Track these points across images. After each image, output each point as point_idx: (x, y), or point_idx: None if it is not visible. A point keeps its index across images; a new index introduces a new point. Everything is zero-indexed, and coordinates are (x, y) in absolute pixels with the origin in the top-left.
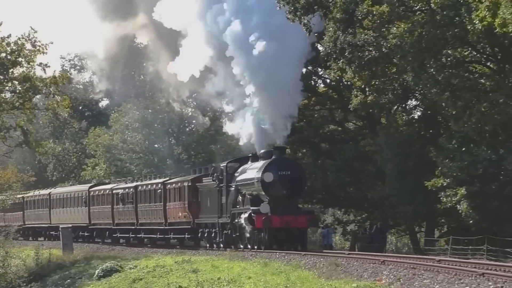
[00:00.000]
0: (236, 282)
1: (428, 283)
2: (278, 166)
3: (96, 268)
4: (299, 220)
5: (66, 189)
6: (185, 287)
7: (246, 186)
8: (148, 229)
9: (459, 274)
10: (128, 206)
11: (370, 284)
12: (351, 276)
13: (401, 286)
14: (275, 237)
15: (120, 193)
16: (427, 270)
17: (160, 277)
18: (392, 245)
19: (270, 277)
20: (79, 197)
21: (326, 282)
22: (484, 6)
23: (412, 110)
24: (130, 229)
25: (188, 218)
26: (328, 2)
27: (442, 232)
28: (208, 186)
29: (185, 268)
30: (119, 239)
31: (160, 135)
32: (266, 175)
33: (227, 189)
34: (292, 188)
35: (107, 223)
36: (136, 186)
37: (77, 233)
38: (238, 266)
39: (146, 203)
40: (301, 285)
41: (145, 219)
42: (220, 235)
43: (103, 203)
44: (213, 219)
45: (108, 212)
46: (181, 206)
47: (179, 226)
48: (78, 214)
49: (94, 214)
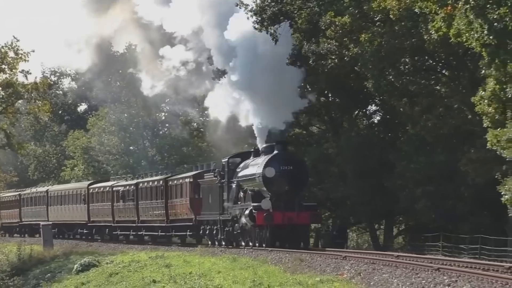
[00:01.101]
0: (206, 276)
1: (387, 277)
2: (280, 161)
3: (74, 263)
4: (302, 217)
5: (64, 186)
6: (158, 281)
7: (247, 182)
8: (149, 227)
9: (416, 269)
10: (129, 204)
11: (333, 278)
12: (314, 271)
13: (361, 280)
14: (277, 234)
15: (121, 191)
16: (386, 265)
17: (135, 272)
18: (353, 242)
19: (238, 272)
20: (78, 195)
21: (291, 276)
22: (440, 18)
23: (372, 114)
24: (130, 226)
25: (190, 215)
26: (294, 13)
27: (400, 229)
28: (210, 182)
29: (158, 263)
30: (119, 236)
31: (135, 138)
32: (267, 170)
33: (229, 185)
34: (295, 183)
35: (107, 221)
36: (137, 183)
37: (76, 230)
38: (208, 261)
39: (147, 200)
40: (267, 279)
41: (146, 216)
42: (221, 232)
43: (102, 201)
44: (215, 216)
45: (108, 210)
46: (183, 203)
47: (181, 223)
48: (77, 211)
49: (94, 212)
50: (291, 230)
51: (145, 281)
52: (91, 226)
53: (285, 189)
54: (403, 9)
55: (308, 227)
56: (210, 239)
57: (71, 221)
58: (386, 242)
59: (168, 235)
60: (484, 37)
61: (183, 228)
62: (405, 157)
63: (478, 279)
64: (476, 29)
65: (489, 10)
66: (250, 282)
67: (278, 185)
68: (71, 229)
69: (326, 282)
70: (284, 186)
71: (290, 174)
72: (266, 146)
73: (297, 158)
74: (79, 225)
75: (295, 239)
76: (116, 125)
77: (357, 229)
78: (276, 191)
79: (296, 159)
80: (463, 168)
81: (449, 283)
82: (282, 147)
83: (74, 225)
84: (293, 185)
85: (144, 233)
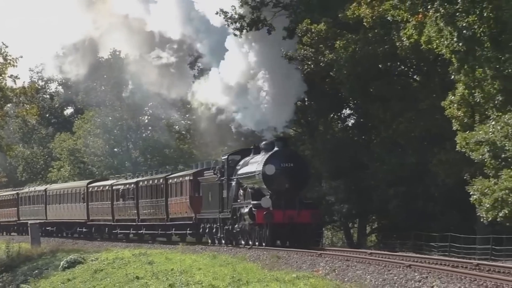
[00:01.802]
0: (187, 272)
1: (361, 273)
2: (280, 158)
3: (61, 260)
4: (303, 215)
5: (63, 185)
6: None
7: (247, 179)
8: (149, 225)
9: (388, 266)
10: (129, 202)
11: (308, 274)
12: (291, 268)
13: (336, 276)
14: (278, 233)
15: (121, 189)
16: (360, 262)
17: (119, 268)
18: (328, 240)
19: (218, 268)
20: (77, 193)
21: (268, 273)
22: (411, 25)
23: (347, 118)
24: (130, 225)
25: (190, 214)
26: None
27: (373, 228)
28: (210, 180)
29: (141, 260)
30: (119, 235)
31: (119, 140)
32: (267, 167)
33: (228, 183)
34: (296, 181)
35: (106, 219)
36: (138, 181)
37: (75, 228)
38: (189, 258)
39: (147, 198)
40: (246, 275)
41: (146, 215)
42: (221, 230)
43: (102, 199)
44: (214, 214)
45: (108, 208)
46: (183, 201)
47: (181, 222)
48: (76, 210)
49: (93, 210)
50: (292, 229)
51: (128, 277)
52: (91, 225)
53: (286, 187)
54: (376, 17)
55: (311, 226)
56: (210, 238)
57: (70, 220)
58: (360, 240)
59: (168, 233)
60: (453, 44)
61: (183, 226)
62: (378, 158)
63: (447, 276)
64: (446, 36)
65: (458, 18)
66: (229, 278)
67: (278, 183)
68: (70, 228)
69: (302, 278)
70: (284, 184)
71: (291, 172)
72: (266, 143)
73: (298, 155)
74: (78, 224)
75: (296, 238)
76: (101, 128)
77: (332, 228)
78: (277, 189)
79: (297, 156)
80: (433, 169)
81: (419, 279)
82: (283, 143)
83: (73, 223)
84: (294, 183)
85: (144, 232)
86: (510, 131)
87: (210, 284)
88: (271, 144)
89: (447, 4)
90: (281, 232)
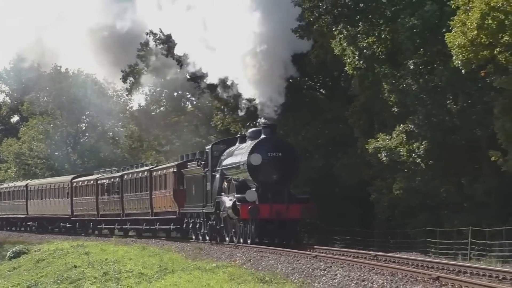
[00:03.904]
0: (120, 262)
1: (273, 263)
2: (267, 147)
3: (7, 251)
4: (292, 210)
5: (46, 180)
6: (79, 266)
7: (232, 171)
8: (134, 220)
9: (297, 256)
10: (114, 196)
11: (227, 264)
12: (212, 258)
13: (251, 266)
14: (264, 229)
15: (106, 183)
16: (272, 253)
17: (59, 258)
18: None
19: (147, 258)
20: (61, 188)
21: (192, 262)
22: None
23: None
24: (115, 220)
25: (174, 208)
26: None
27: None
28: (193, 171)
29: (79, 251)
30: (103, 230)
31: (59, 145)
32: (253, 157)
33: (212, 175)
34: (284, 172)
35: (91, 215)
36: (122, 175)
37: (58, 224)
38: (121, 249)
39: (132, 192)
40: (172, 265)
41: (131, 209)
42: (204, 226)
43: (87, 194)
44: (198, 209)
45: (93, 203)
46: (167, 195)
47: (165, 216)
48: (59, 205)
49: (77, 205)
50: (280, 225)
51: (67, 266)
52: (74, 220)
53: (273, 178)
54: None
55: (298, 222)
56: (193, 233)
57: (53, 215)
58: None
59: (153, 228)
60: (355, 62)
61: (167, 221)
62: None
63: (349, 265)
64: (348, 55)
65: (360, 39)
66: (157, 267)
67: (265, 174)
68: (53, 223)
69: (221, 267)
70: (272, 175)
71: (279, 162)
72: (252, 131)
73: (287, 143)
74: (62, 219)
75: (285, 234)
76: (44, 134)
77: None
78: (263, 181)
79: (286, 144)
80: (337, 172)
81: (324, 268)
82: (271, 131)
83: (56, 219)
84: (282, 174)
85: (129, 227)
86: (404, 139)
87: (140, 272)
88: (258, 132)
89: (349, 26)
90: (268, 228)
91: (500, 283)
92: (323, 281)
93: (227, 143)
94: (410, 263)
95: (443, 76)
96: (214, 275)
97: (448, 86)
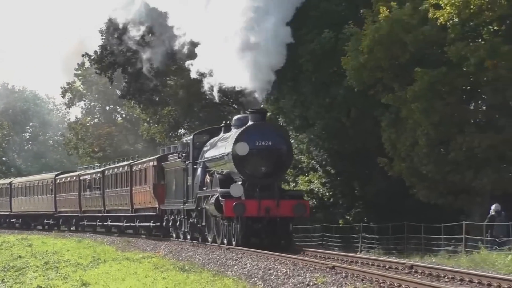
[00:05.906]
0: (59, 253)
1: (191, 254)
2: (255, 135)
3: None
4: (283, 207)
5: (29, 178)
6: (23, 256)
7: (215, 163)
8: (115, 216)
9: (213, 248)
10: (96, 192)
11: (152, 255)
12: (138, 249)
13: (173, 256)
14: (251, 228)
15: (88, 179)
16: (191, 246)
17: (6, 250)
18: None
19: (82, 250)
20: (45, 185)
21: (121, 253)
22: None
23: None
24: (97, 216)
25: (154, 204)
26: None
27: None
28: (174, 165)
29: (23, 243)
30: (85, 227)
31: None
32: (239, 146)
33: (194, 168)
34: (274, 163)
35: (74, 211)
36: (103, 170)
37: (41, 220)
38: (60, 242)
39: (113, 188)
40: (104, 255)
41: (112, 205)
42: (185, 224)
43: (69, 190)
44: (178, 205)
45: (75, 200)
46: (146, 190)
47: (144, 213)
48: (43, 202)
49: (61, 202)
50: (270, 224)
51: (13, 256)
52: (58, 217)
53: (262, 171)
54: None
55: (290, 220)
56: (174, 232)
57: (36, 212)
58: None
59: (133, 225)
60: None
61: (148, 218)
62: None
63: (257, 256)
64: None
65: None
66: (91, 257)
67: (252, 166)
68: (37, 220)
69: (147, 257)
70: (260, 167)
71: (268, 152)
72: (238, 118)
73: (277, 130)
74: (46, 216)
75: (276, 234)
76: None
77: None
78: (250, 174)
79: (276, 132)
80: None
81: (236, 259)
82: (260, 117)
83: (40, 216)
84: (272, 165)
85: (110, 224)
86: (304, 148)
87: (76, 262)
88: (244, 119)
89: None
90: (256, 227)
91: (386, 272)
92: (235, 270)
93: (210, 133)
94: (310, 254)
95: (338, 94)
96: (141, 264)
97: (342, 102)
